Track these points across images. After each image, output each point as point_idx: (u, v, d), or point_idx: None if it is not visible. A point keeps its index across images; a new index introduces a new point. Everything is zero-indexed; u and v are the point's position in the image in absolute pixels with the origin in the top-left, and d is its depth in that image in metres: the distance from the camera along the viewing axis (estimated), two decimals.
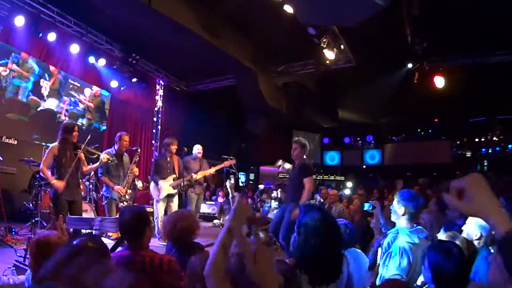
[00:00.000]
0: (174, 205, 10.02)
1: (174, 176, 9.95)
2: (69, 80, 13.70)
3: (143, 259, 3.70)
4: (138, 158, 9.65)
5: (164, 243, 9.07)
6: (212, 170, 10.87)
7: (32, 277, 3.38)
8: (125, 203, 9.02)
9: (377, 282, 4.17)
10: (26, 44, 11.95)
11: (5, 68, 11.76)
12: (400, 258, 3.90)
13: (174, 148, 10.06)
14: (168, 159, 10.07)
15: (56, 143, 7.84)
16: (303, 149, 8.36)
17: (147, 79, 15.94)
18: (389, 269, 3.95)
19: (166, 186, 9.83)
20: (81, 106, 14.06)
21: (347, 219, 6.71)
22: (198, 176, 10.46)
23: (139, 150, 9.70)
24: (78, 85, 13.99)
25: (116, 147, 9.38)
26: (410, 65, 13.67)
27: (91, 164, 8.50)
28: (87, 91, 14.32)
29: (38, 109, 12.63)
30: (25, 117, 12.22)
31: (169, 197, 9.90)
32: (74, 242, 2.65)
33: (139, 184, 10.39)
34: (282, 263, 3.00)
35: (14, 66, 12.04)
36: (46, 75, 13.04)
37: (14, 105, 11.96)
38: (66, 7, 11.75)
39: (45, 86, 12.97)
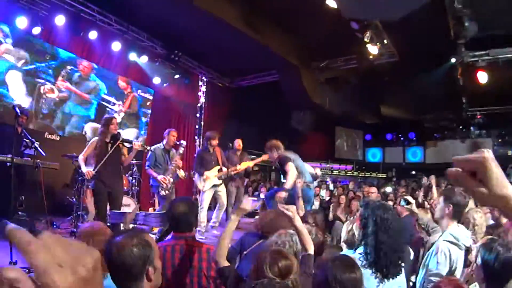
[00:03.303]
0: (223, 194, 10.33)
1: (218, 167, 10.17)
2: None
3: (191, 248, 3.78)
4: (182, 151, 9.88)
5: (203, 237, 9.34)
6: (251, 163, 11.19)
7: None
8: (166, 191, 9.17)
9: (418, 281, 4.16)
10: (67, 43, 12.18)
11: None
12: (440, 256, 3.89)
13: (215, 141, 10.31)
14: (211, 151, 10.29)
15: (97, 137, 8.17)
16: (273, 149, 8.62)
17: (190, 75, 16.04)
18: (431, 268, 3.94)
19: (212, 176, 10.06)
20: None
21: None
22: (242, 167, 10.73)
23: (184, 143, 9.93)
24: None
25: (164, 142, 9.61)
26: (453, 60, 13.47)
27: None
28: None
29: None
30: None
31: (215, 187, 10.12)
32: (118, 238, 2.70)
33: (181, 173, 10.50)
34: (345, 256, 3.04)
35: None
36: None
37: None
38: (106, 5, 11.92)
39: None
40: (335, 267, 2.67)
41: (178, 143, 9.88)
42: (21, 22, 10.69)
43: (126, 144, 8.48)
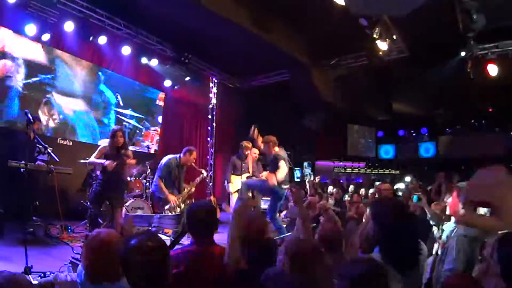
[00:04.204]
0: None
1: (248, 174, 10.80)
2: None
3: (213, 254, 3.75)
4: (199, 181, 10.19)
5: None
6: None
7: (85, 273, 3.36)
8: (173, 212, 9.22)
9: (434, 276, 4.15)
10: (77, 49, 12.29)
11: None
12: (456, 251, 3.87)
13: (247, 152, 10.94)
14: (244, 159, 10.96)
15: (106, 144, 8.31)
16: (271, 145, 9.36)
17: (200, 77, 16.04)
18: (447, 263, 3.92)
19: (238, 181, 10.46)
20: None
21: None
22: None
23: (204, 174, 10.25)
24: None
25: (181, 157, 9.61)
26: (462, 54, 13.40)
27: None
28: None
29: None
30: None
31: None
32: (133, 242, 2.71)
33: (192, 189, 10.64)
34: (367, 260, 3.04)
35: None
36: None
37: None
38: (114, 10, 11.99)
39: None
40: None
41: (198, 169, 10.16)
42: (30, 29, 10.76)
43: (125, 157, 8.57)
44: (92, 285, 3.24)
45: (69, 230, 9.88)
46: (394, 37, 12.53)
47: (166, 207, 9.31)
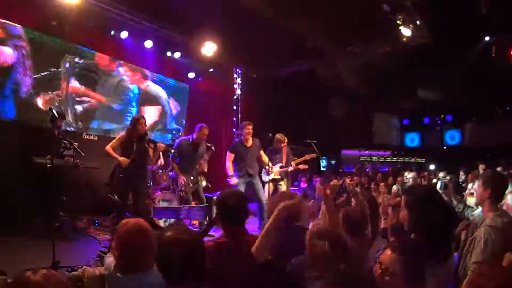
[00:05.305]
0: (283, 188, 11.03)
1: (281, 164, 11.07)
2: None
3: (247, 244, 3.66)
4: (208, 157, 10.58)
5: None
6: (291, 168, 11.47)
7: (117, 264, 3.35)
8: (183, 194, 9.29)
9: (460, 268, 4.09)
10: (98, 44, 12.37)
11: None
12: (484, 243, 3.80)
13: (280, 144, 11.19)
14: (278, 151, 11.25)
15: (124, 133, 8.45)
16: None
17: (224, 68, 16.15)
18: (474, 255, 3.85)
19: (274, 171, 10.93)
20: None
21: None
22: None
23: (213, 149, 10.57)
24: None
25: (194, 136, 9.78)
26: (487, 38, 13.26)
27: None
28: None
29: None
30: None
31: (275, 181, 10.96)
32: (168, 234, 2.71)
33: (203, 182, 10.75)
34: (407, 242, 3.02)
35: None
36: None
37: None
38: (136, 4, 11.93)
39: None
40: None
41: (208, 145, 10.15)
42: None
43: (151, 145, 8.59)
44: (125, 275, 3.22)
45: (96, 224, 9.99)
46: (418, 22, 12.43)
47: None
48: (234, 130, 17.00)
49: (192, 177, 10.06)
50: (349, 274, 1.80)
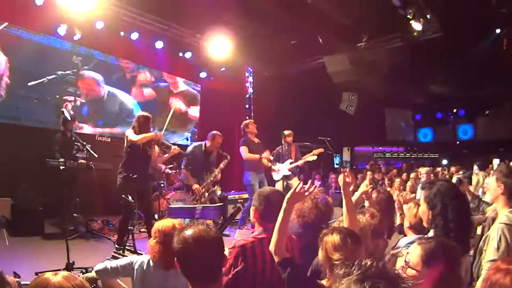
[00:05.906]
0: (294, 185, 10.54)
1: (291, 160, 11.21)
2: None
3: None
4: (223, 166, 10.26)
5: None
6: (300, 162, 11.54)
7: (153, 262, 3.71)
8: (198, 202, 9.28)
9: (474, 267, 4.02)
10: (109, 46, 12.50)
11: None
12: (498, 241, 3.73)
13: (289, 138, 11.38)
14: (286, 147, 11.35)
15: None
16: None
17: (236, 67, 16.12)
18: (488, 253, 3.78)
19: (283, 168, 11.21)
20: None
21: None
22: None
23: (228, 158, 10.26)
24: None
25: (207, 143, 9.74)
26: (498, 31, 13.16)
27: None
28: None
29: None
30: None
31: (286, 178, 11.15)
32: (188, 232, 2.69)
33: (218, 192, 10.76)
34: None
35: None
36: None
37: None
38: (145, 6, 12.00)
39: None
40: None
41: (224, 154, 10.11)
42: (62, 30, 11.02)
43: (165, 148, 8.60)
44: (160, 272, 3.59)
45: (110, 225, 10.02)
46: (428, 16, 12.36)
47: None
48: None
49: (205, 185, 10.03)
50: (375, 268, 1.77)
